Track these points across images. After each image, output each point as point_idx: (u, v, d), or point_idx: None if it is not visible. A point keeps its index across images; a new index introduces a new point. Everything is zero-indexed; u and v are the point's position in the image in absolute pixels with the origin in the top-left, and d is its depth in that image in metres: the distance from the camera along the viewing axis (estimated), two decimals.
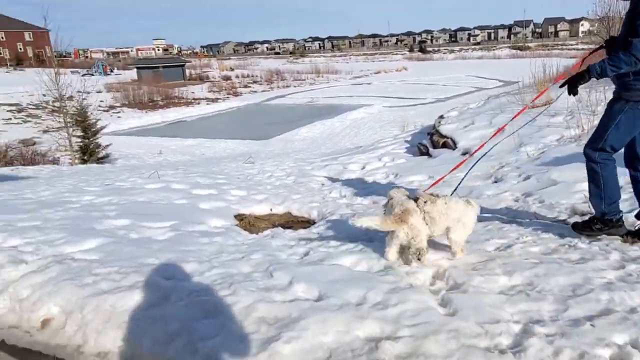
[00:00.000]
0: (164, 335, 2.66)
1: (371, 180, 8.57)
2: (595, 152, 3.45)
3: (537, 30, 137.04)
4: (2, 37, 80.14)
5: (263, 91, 57.26)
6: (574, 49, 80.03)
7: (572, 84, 3.45)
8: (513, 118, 7.20)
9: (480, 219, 4.51)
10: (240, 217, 6.19)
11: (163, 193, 7.34)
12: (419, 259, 3.31)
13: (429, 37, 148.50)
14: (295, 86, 60.38)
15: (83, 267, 3.67)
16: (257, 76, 67.44)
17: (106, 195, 7.29)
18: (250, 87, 59.83)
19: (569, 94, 3.49)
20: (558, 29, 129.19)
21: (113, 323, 2.90)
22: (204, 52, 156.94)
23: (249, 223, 5.90)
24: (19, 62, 74.65)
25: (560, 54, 75.89)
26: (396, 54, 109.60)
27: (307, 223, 6.13)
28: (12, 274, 3.78)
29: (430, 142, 10.64)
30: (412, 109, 37.88)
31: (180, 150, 27.48)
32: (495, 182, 6.13)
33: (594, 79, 3.37)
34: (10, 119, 36.78)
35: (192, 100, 48.94)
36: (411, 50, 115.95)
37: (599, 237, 3.55)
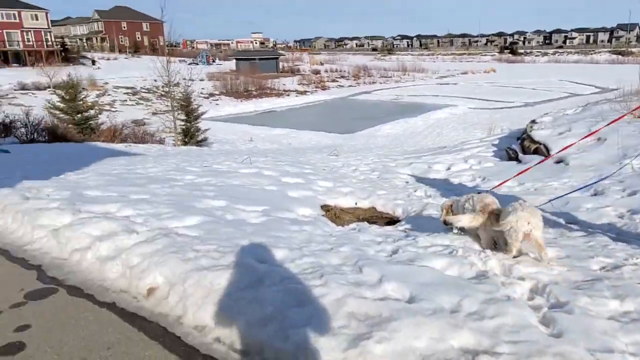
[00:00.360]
0: (258, 318, 2.65)
1: (457, 182, 8.21)
2: None
3: None
4: (125, 27, 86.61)
5: (350, 86, 57.22)
6: None
7: None
8: (610, 123, 6.55)
9: (580, 233, 4.11)
10: (326, 208, 6.16)
11: (255, 178, 7.51)
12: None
13: (522, 39, 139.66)
14: (381, 83, 59.71)
15: (186, 242, 3.80)
16: (345, 71, 67.49)
17: (205, 176, 7.59)
18: (337, 81, 60.02)
19: None
20: None
21: (211, 299, 2.95)
22: (296, 47, 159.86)
23: (334, 215, 5.86)
24: (136, 49, 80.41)
25: None
26: (485, 55, 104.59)
27: (392, 220, 5.97)
28: (125, 242, 4.01)
29: (521, 147, 9.98)
30: (498, 112, 36.02)
31: (269, 138, 28.18)
32: (595, 195, 5.58)
33: None
34: (126, 100, 39.76)
35: (283, 92, 50.01)
36: (501, 51, 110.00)
37: None
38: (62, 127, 15.47)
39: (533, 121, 11.70)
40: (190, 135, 20.50)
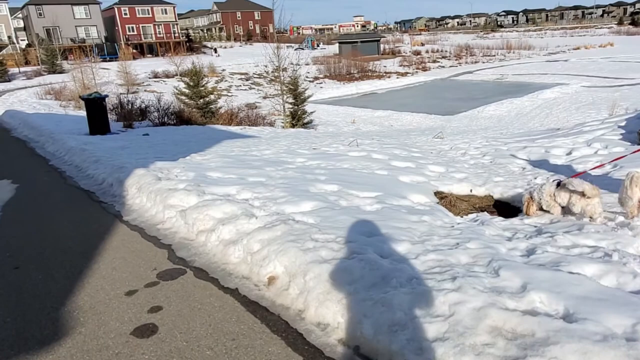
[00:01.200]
0: (387, 323, 2.32)
1: (582, 169, 7.14)
2: None
3: None
4: (239, 17, 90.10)
5: (451, 66, 54.22)
6: None
7: None
8: None
9: None
10: (440, 195, 5.63)
11: (364, 162, 7.16)
12: None
13: None
14: (484, 62, 55.72)
15: (304, 231, 3.58)
16: (446, 51, 64.04)
17: (315, 159, 7.41)
18: (438, 62, 57.19)
19: None
20: None
21: (333, 295, 2.68)
22: (397, 28, 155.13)
23: (450, 203, 5.32)
24: (249, 38, 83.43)
25: None
26: (601, 28, 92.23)
27: (512, 210, 5.29)
28: (245, 226, 3.91)
29: None
30: (617, 90, 31.74)
31: (370, 120, 27.71)
32: None
33: None
34: (240, 85, 41.53)
35: (384, 74, 48.83)
36: (620, 23, 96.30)
37: None
38: (187, 111, 16.39)
39: None
40: (297, 118, 20.71)
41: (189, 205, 4.66)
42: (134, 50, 59.41)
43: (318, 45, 77.86)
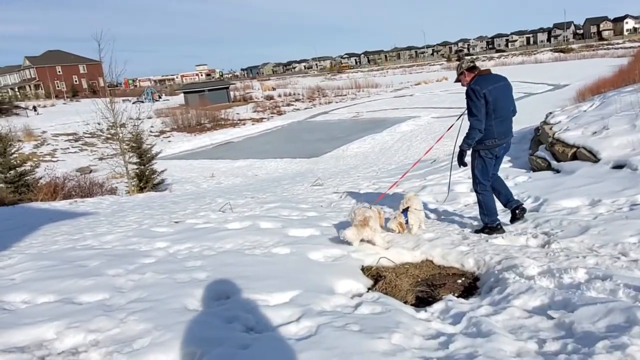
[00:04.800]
0: None
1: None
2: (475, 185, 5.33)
3: (578, 31, 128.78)
4: (60, 72, 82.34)
5: (306, 108, 55.84)
6: (621, 47, 74.97)
7: (460, 160, 5.30)
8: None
9: None
10: (370, 272, 4.32)
11: (253, 236, 5.57)
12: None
13: (466, 46, 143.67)
14: (337, 102, 58.66)
15: None
16: (298, 94, 66.25)
17: (182, 241, 5.59)
18: (293, 105, 58.55)
19: (460, 165, 5.40)
20: (601, 29, 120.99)
21: None
22: (244, 75, 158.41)
23: (389, 284, 4.02)
24: (74, 94, 76.13)
25: (607, 54, 71.39)
26: (433, 65, 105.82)
27: (467, 279, 4.21)
28: None
29: (551, 153, 8.53)
30: (462, 118, 35.39)
31: (231, 171, 26.15)
32: None
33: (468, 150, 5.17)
34: (68, 148, 36.59)
35: (238, 121, 47.99)
36: (448, 59, 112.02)
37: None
38: None
39: (545, 122, 10.36)
40: (146, 179, 18.19)
41: None
42: None
43: (160, 97, 74.51)
